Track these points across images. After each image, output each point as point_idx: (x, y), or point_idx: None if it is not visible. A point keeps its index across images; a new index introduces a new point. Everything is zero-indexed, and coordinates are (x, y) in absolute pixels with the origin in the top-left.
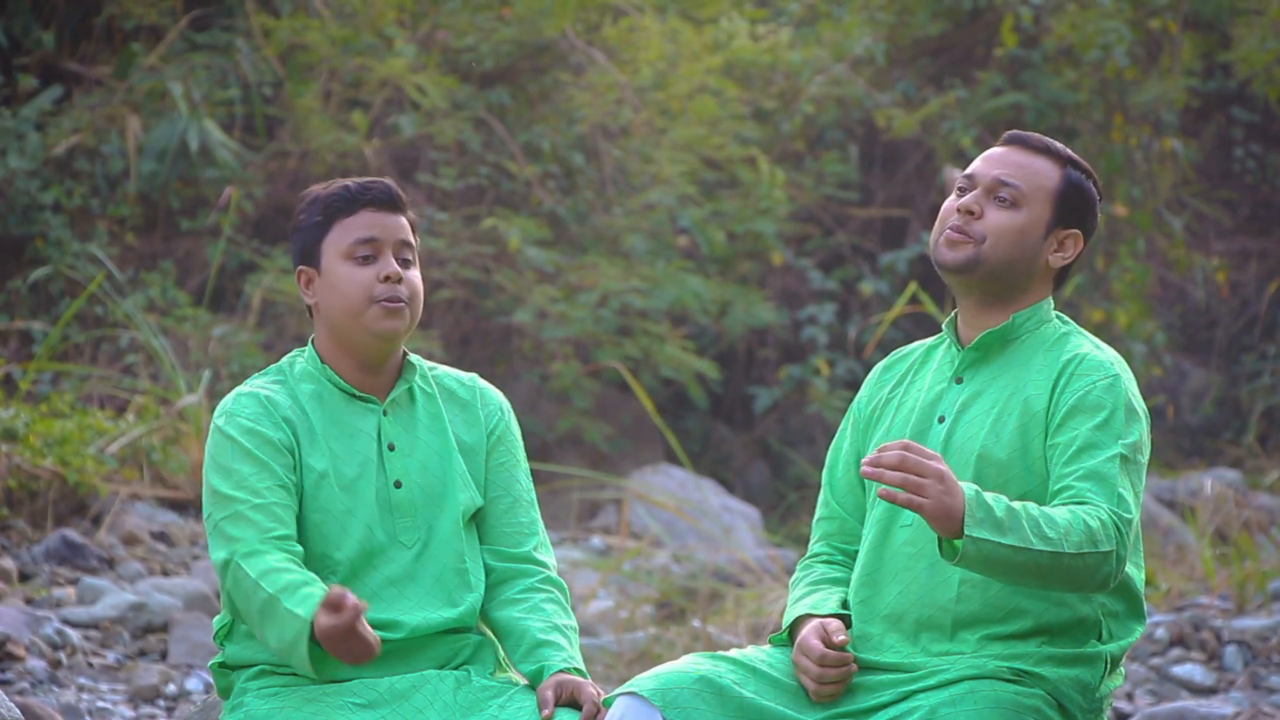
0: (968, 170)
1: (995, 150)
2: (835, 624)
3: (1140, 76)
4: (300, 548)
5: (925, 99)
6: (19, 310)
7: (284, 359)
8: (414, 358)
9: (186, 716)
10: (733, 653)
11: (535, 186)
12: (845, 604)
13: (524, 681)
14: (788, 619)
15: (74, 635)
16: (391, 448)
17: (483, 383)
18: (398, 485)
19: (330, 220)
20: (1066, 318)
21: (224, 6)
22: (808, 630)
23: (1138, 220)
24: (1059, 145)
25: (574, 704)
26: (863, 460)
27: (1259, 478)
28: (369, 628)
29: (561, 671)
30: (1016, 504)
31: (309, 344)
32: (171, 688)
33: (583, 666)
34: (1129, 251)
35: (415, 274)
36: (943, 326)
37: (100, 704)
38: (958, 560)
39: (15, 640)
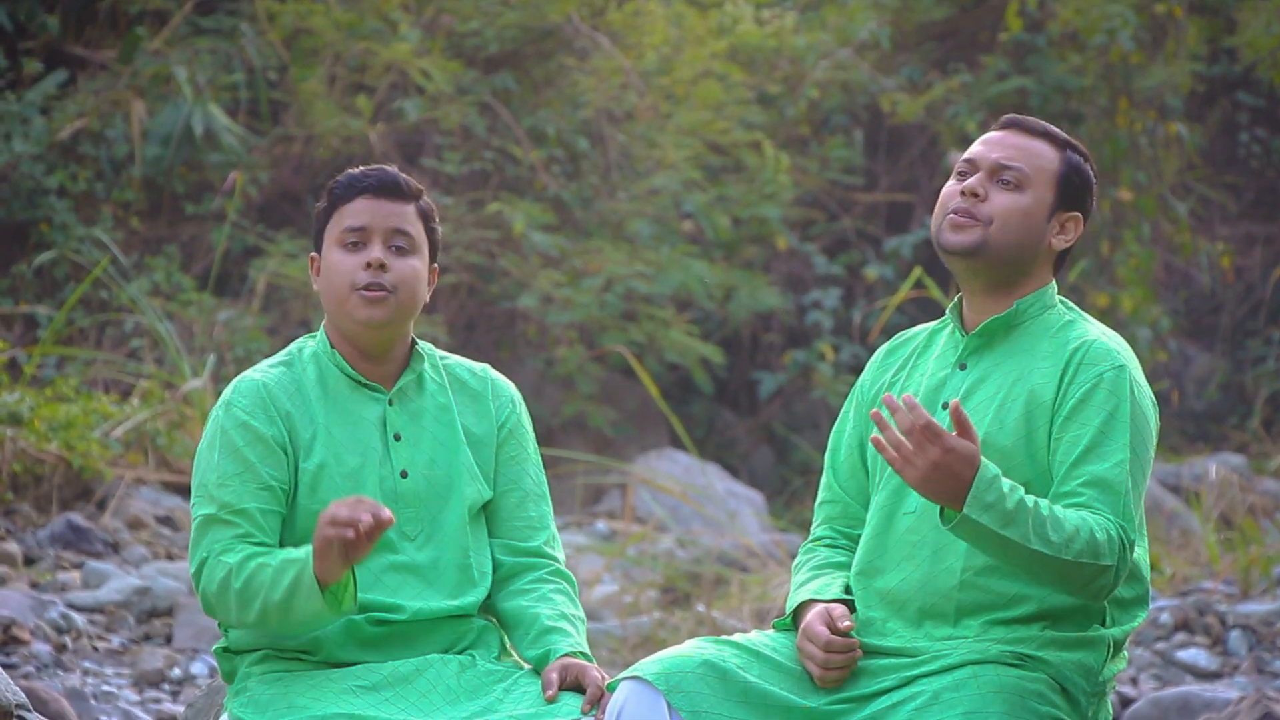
0: (966, 154)
1: (994, 134)
2: (840, 610)
3: (1145, 61)
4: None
5: (930, 84)
6: (24, 294)
7: (296, 341)
8: (424, 346)
9: (191, 700)
10: (737, 637)
11: (540, 171)
12: (848, 589)
13: (528, 667)
14: (791, 604)
15: (79, 619)
16: (398, 437)
17: (495, 374)
18: (404, 475)
19: (333, 207)
20: (1071, 303)
21: None
22: (813, 616)
23: (1143, 205)
24: (1056, 129)
25: (578, 687)
26: (905, 399)
27: (1264, 462)
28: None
29: (568, 655)
30: (1030, 499)
31: (320, 328)
32: (176, 672)
33: (589, 653)
34: (1134, 236)
35: (411, 262)
36: (946, 311)
37: (105, 688)
38: (951, 528)
39: (20, 624)
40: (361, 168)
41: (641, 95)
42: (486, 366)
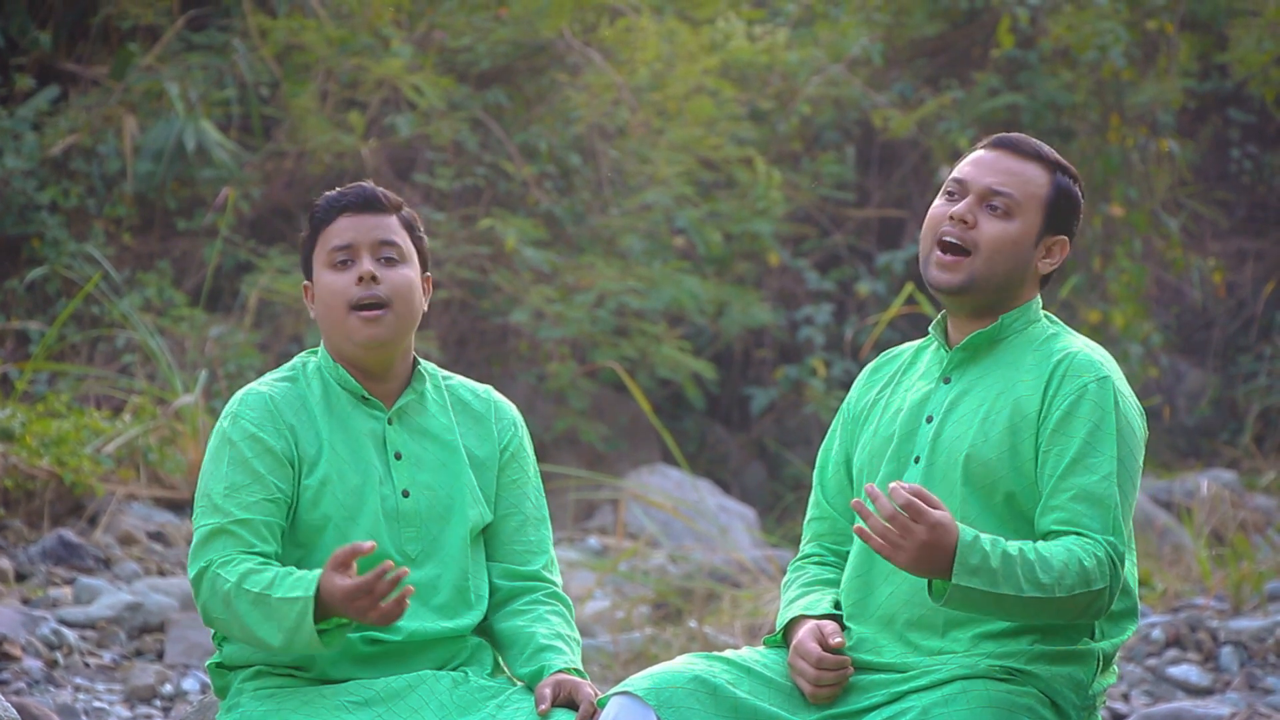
0: (956, 174)
1: (985, 155)
2: (831, 626)
3: (1137, 77)
4: (277, 563)
5: (922, 100)
6: (16, 310)
7: (299, 356)
8: (426, 366)
9: (183, 717)
10: (728, 653)
11: (532, 187)
12: (838, 604)
13: (521, 684)
14: (781, 621)
15: (70, 635)
16: (398, 456)
17: (497, 395)
18: (405, 494)
19: (316, 232)
20: (1055, 317)
21: (221, 6)
22: (804, 632)
23: (1134, 221)
24: (1046, 149)
25: (571, 704)
26: (890, 487)
27: (1255, 478)
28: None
29: (561, 672)
30: (1014, 547)
31: (321, 345)
32: (168, 688)
33: (583, 671)
34: (1126, 252)
35: (403, 271)
36: (930, 328)
37: (97, 704)
38: (944, 602)
39: (12, 640)
40: (338, 189)
41: (633, 111)
42: (489, 388)
